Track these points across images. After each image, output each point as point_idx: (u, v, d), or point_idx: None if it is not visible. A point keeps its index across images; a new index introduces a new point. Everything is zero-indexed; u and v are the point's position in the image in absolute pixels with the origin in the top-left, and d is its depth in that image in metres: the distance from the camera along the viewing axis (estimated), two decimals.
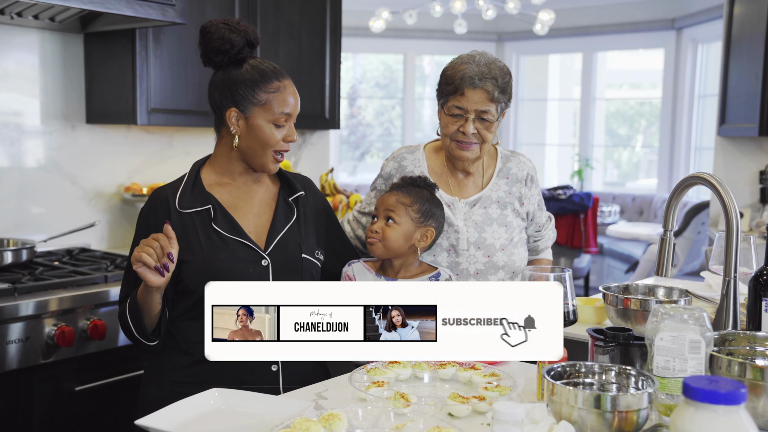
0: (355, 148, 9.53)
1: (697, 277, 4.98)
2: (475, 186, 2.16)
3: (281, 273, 1.84)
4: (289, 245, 1.88)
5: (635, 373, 1.38)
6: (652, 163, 8.44)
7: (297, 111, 1.88)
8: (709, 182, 1.77)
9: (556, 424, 1.25)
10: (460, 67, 2.01)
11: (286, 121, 1.85)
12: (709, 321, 1.38)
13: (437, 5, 6.63)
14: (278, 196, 1.94)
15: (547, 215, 2.28)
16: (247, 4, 3.25)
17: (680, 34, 7.58)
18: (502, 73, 2.02)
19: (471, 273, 2.08)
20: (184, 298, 1.81)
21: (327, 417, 1.28)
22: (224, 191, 1.88)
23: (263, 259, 1.83)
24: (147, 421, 1.35)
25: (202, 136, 3.49)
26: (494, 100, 2.00)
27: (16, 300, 2.28)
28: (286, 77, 1.87)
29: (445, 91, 2.04)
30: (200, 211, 1.83)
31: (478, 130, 2.03)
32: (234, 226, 1.83)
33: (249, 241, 1.83)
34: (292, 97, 1.86)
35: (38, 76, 2.97)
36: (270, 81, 1.83)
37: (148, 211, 1.84)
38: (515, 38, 8.63)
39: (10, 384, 2.28)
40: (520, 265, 2.14)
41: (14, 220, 2.92)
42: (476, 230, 2.09)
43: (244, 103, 1.82)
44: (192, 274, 1.78)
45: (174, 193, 1.84)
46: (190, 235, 1.80)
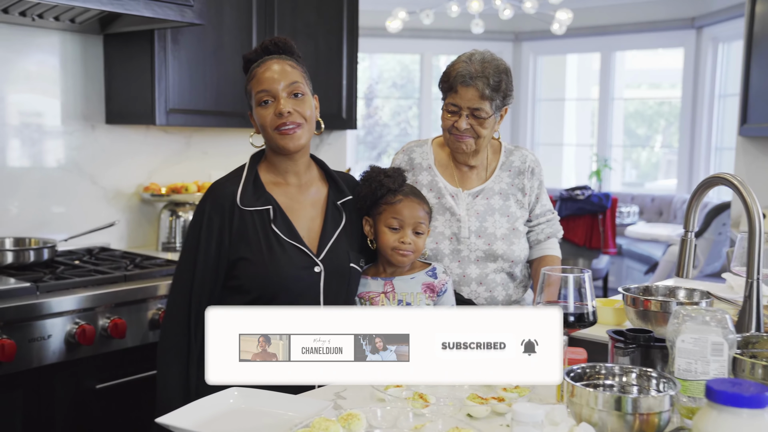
0: (371, 148, 9.53)
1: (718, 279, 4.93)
2: (478, 178, 2.25)
3: (331, 280, 1.85)
4: (339, 253, 1.88)
5: (656, 375, 1.37)
6: (672, 163, 8.38)
7: (285, 80, 1.82)
8: (731, 183, 1.75)
9: (576, 426, 1.24)
10: (457, 65, 2.13)
11: (271, 97, 1.82)
12: (732, 323, 1.36)
13: (454, 5, 6.61)
14: (327, 198, 1.94)
15: (547, 209, 2.30)
16: (264, 5, 3.26)
17: (700, 33, 7.52)
18: (496, 71, 2.10)
19: (471, 260, 2.17)
20: (234, 296, 1.81)
21: (346, 417, 1.28)
22: (281, 192, 1.88)
23: (316, 266, 1.83)
24: (167, 419, 1.36)
25: (220, 136, 3.50)
26: (486, 97, 2.09)
27: (38, 299, 2.30)
28: (271, 57, 1.86)
29: (443, 88, 2.17)
30: (260, 211, 1.83)
31: (472, 126, 2.12)
32: (291, 229, 1.83)
33: (304, 246, 1.83)
34: (271, 71, 1.83)
35: (59, 77, 2.99)
36: (251, 72, 1.87)
37: (212, 210, 1.81)
38: (532, 38, 8.60)
39: (32, 382, 2.30)
40: (519, 255, 2.21)
41: (36, 220, 2.95)
42: (478, 219, 2.18)
43: (249, 102, 1.89)
44: (250, 275, 1.79)
45: (235, 190, 1.83)
46: (251, 233, 1.80)
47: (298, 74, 1.86)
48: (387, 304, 1.95)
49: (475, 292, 2.18)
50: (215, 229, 1.79)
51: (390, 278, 1.96)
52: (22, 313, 2.24)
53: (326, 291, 1.85)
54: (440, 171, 2.24)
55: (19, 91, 2.89)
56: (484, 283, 2.18)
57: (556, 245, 2.33)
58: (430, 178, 2.23)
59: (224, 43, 3.13)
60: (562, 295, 1.48)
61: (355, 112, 3.75)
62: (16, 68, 2.88)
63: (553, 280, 1.49)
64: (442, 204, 2.20)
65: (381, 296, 1.95)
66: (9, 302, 2.23)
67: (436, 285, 1.97)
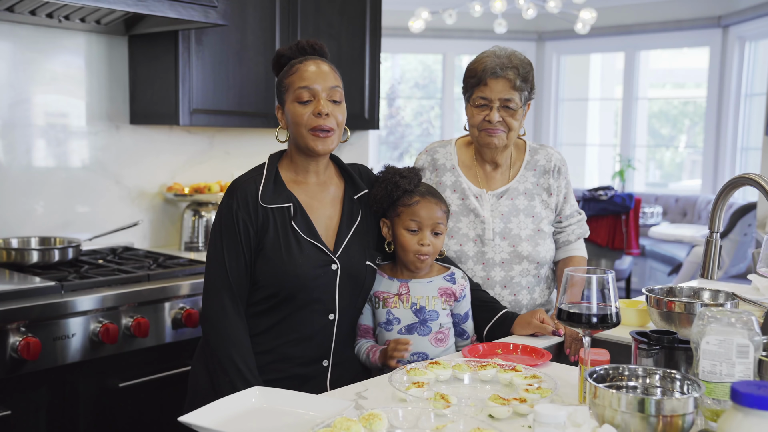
0: (394, 149, 9.53)
1: (743, 280, 4.87)
2: (502, 178, 2.23)
3: (347, 278, 1.86)
4: (355, 250, 1.89)
5: (680, 377, 1.35)
6: (696, 163, 8.29)
7: (325, 82, 1.83)
8: (757, 183, 1.73)
9: (599, 427, 1.23)
10: (483, 59, 2.13)
11: (312, 96, 1.83)
12: (758, 325, 1.34)
13: (477, 5, 6.59)
14: (344, 195, 1.94)
15: (575, 209, 2.29)
16: (288, 5, 3.27)
17: (726, 31, 7.43)
18: (523, 63, 2.13)
19: (496, 262, 2.15)
20: (253, 291, 1.84)
21: (367, 417, 1.28)
22: (301, 190, 1.89)
23: (333, 263, 1.84)
24: (190, 417, 1.36)
25: (242, 136, 3.52)
26: (517, 88, 2.09)
27: (62, 297, 2.32)
28: (312, 57, 1.87)
29: (469, 83, 2.15)
30: (281, 208, 1.84)
31: (503, 118, 2.11)
32: (310, 227, 1.85)
33: (321, 244, 1.84)
34: (313, 70, 1.84)
35: (84, 78, 3.02)
36: (291, 66, 1.87)
37: (238, 208, 1.82)
38: (556, 38, 8.55)
39: (56, 380, 2.32)
40: (545, 257, 2.18)
41: (60, 219, 2.98)
42: (502, 221, 2.16)
43: (281, 97, 1.88)
44: (267, 271, 1.80)
45: (257, 188, 1.84)
46: (271, 230, 1.82)
47: (339, 80, 1.88)
48: (400, 306, 1.94)
49: (499, 295, 2.16)
50: (241, 223, 1.81)
51: (406, 280, 1.95)
52: (46, 311, 2.27)
53: (341, 289, 1.86)
54: (464, 171, 2.23)
55: (45, 92, 2.93)
56: (509, 286, 2.16)
57: (583, 245, 2.32)
58: (454, 178, 2.22)
59: (248, 44, 3.15)
60: (585, 296, 1.47)
61: (378, 112, 3.75)
62: (42, 69, 2.91)
63: (577, 281, 1.48)
64: (466, 205, 2.18)
65: (395, 298, 1.94)
66: (34, 301, 2.26)
67: (455, 290, 1.96)
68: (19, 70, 2.85)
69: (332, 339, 1.87)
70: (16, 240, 2.79)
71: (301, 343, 1.85)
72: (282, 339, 1.84)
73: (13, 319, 2.19)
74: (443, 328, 1.94)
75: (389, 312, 1.94)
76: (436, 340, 1.93)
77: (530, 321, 1.97)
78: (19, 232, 2.86)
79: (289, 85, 1.85)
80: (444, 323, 1.94)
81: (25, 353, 2.18)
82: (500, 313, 2.02)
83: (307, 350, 1.86)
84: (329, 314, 1.86)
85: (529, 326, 1.97)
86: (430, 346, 1.92)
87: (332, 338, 1.87)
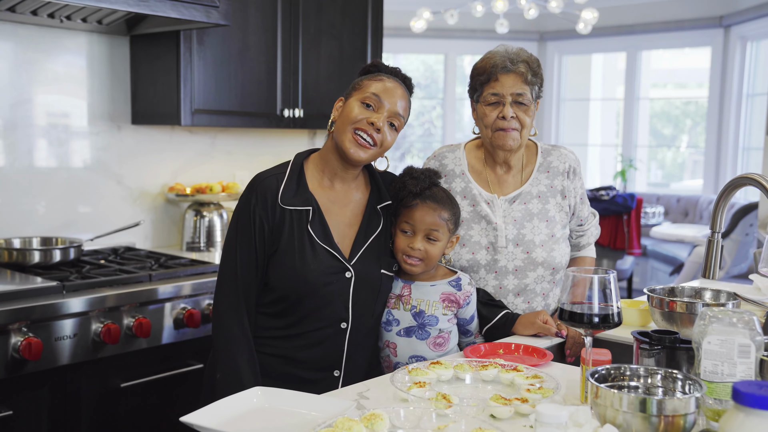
0: (395, 149, 9.53)
1: (745, 280, 4.87)
2: (515, 182, 2.15)
3: (361, 287, 1.85)
4: (372, 258, 1.87)
5: (682, 376, 1.35)
6: (698, 163, 8.28)
7: (394, 106, 1.84)
8: (759, 183, 1.73)
9: (600, 427, 1.23)
10: (491, 56, 2.06)
11: (377, 106, 1.83)
12: (759, 325, 1.34)
13: (479, 5, 6.58)
14: (368, 202, 1.93)
15: (590, 210, 2.26)
16: (290, 6, 3.27)
17: (728, 31, 7.42)
18: (532, 58, 2.08)
19: (509, 270, 2.07)
20: (264, 292, 1.83)
21: (369, 417, 1.28)
22: (323, 194, 1.87)
23: (347, 271, 1.83)
24: (191, 418, 1.36)
25: (244, 136, 3.52)
26: (528, 82, 2.03)
27: (64, 297, 2.32)
28: (395, 79, 1.88)
29: (478, 82, 2.07)
30: (300, 211, 1.83)
31: (517, 114, 2.03)
32: (326, 232, 1.83)
33: (336, 250, 1.83)
34: (393, 89, 1.85)
35: (86, 78, 3.03)
36: (378, 74, 1.88)
37: (256, 203, 1.81)
38: (557, 38, 8.54)
39: (58, 380, 2.32)
40: (561, 262, 2.11)
41: (62, 219, 2.99)
42: (515, 227, 2.08)
43: (349, 91, 1.88)
44: (277, 274, 1.80)
45: (278, 186, 1.83)
46: (286, 232, 1.81)
47: (406, 114, 1.90)
48: (400, 308, 1.93)
49: (512, 303, 2.08)
50: (257, 219, 1.80)
51: (409, 282, 1.95)
52: (48, 312, 2.27)
53: (355, 296, 1.84)
54: (474, 177, 2.14)
55: (46, 92, 2.93)
56: (522, 294, 2.08)
57: (593, 245, 2.31)
58: (464, 185, 2.13)
59: (249, 44, 3.15)
60: (587, 295, 1.47)
61: None
62: (44, 69, 2.91)
63: (578, 281, 1.48)
64: (477, 212, 2.10)
65: (396, 299, 1.93)
66: (35, 301, 2.26)
67: (459, 297, 1.94)
68: (21, 71, 2.85)
69: (344, 348, 1.85)
70: (18, 240, 2.80)
71: (310, 349, 1.84)
72: (291, 343, 1.83)
73: (15, 319, 2.19)
74: (443, 332, 1.92)
75: (389, 312, 1.93)
76: (435, 344, 1.91)
77: (534, 321, 1.96)
78: (21, 233, 2.86)
79: (366, 86, 1.85)
80: (444, 328, 1.92)
81: (26, 353, 2.18)
82: (501, 313, 2.01)
83: (316, 356, 1.84)
84: (341, 323, 1.84)
85: (532, 327, 1.96)
86: (428, 351, 1.91)
87: (344, 347, 1.85)
